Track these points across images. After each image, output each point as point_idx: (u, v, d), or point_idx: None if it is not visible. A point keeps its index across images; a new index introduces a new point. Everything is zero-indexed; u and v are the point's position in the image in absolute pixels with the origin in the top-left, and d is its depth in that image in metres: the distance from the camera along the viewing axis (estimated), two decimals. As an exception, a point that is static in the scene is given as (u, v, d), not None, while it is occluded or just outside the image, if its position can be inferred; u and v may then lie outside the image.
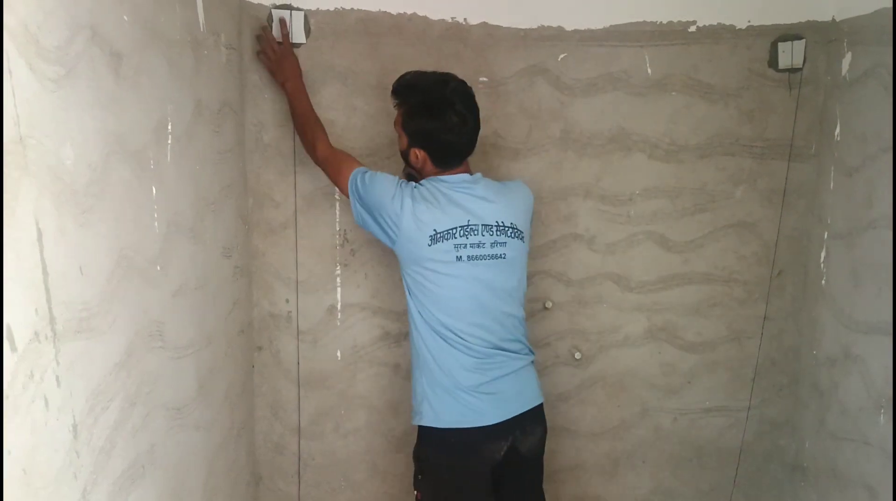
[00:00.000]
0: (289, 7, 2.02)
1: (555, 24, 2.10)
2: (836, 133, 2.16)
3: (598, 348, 2.28)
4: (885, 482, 1.96)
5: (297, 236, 2.13)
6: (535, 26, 2.10)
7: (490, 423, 1.83)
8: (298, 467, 2.22)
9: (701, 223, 2.23)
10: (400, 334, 2.21)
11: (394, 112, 1.86)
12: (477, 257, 1.81)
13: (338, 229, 2.15)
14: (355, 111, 2.10)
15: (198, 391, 1.60)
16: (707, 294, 2.27)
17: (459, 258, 1.79)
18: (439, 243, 1.79)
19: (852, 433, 2.11)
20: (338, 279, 2.17)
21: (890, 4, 1.88)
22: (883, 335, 1.98)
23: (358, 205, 1.84)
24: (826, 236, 2.22)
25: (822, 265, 2.24)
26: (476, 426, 1.82)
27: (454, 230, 1.79)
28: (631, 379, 2.31)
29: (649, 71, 2.13)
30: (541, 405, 1.92)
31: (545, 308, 2.23)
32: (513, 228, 1.84)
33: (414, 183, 1.85)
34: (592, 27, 2.11)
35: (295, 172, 2.09)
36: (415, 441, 1.89)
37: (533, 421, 1.90)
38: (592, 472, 2.34)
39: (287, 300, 2.15)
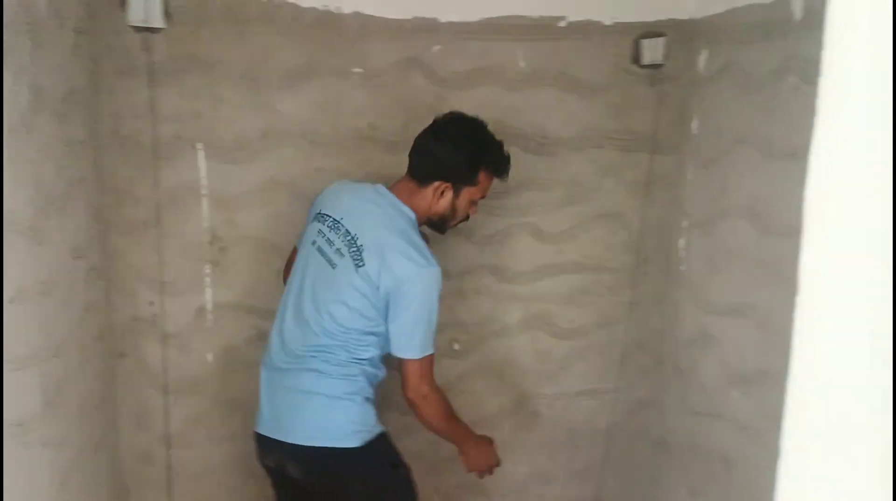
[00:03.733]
0: (146, -12, 1.88)
1: (429, 16, 2.08)
2: (693, 127, 2.28)
3: (477, 338, 2.31)
4: (739, 452, 2.12)
5: (161, 235, 2.00)
6: (409, 17, 2.06)
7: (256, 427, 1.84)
8: (168, 477, 2.10)
9: (573, 215, 2.30)
10: (275, 333, 2.14)
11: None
12: (321, 252, 1.76)
13: (205, 225, 2.03)
14: (222, 103, 1.98)
15: (44, 404, 1.48)
16: (579, 283, 2.35)
17: (314, 243, 1.79)
18: (308, 225, 1.84)
19: (709, 408, 2.26)
20: (207, 279, 2.06)
21: (741, 4, 2.00)
22: (735, 316, 2.13)
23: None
24: (685, 224, 2.35)
25: (681, 252, 2.38)
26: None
27: (326, 218, 1.79)
28: (509, 368, 2.36)
29: (522, 65, 2.15)
30: (307, 448, 1.73)
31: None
32: (358, 252, 1.72)
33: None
34: (467, 20, 2.10)
35: (155, 167, 1.96)
36: None
37: (290, 456, 1.75)
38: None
39: (151, 303, 2.02)
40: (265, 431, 1.80)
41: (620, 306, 2.40)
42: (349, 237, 1.74)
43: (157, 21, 1.89)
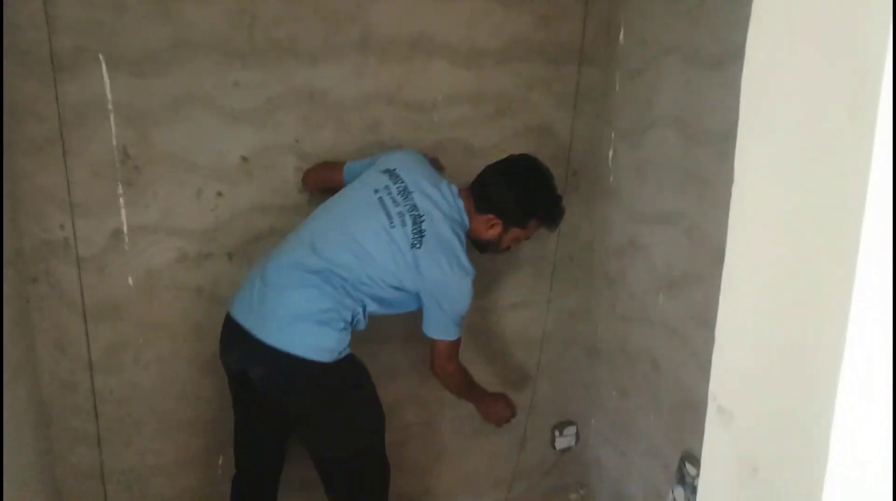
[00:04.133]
0: None
1: (344, -83, 1.97)
2: (620, 38, 2.25)
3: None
4: (666, 354, 2.19)
5: (67, 154, 1.89)
6: (324, -82, 1.95)
7: (228, 308, 1.87)
8: (94, 403, 2.06)
9: (503, 128, 2.27)
10: (200, 254, 2.08)
11: None
12: (382, 204, 1.83)
13: (115, 143, 1.93)
14: (125, 11, 1.86)
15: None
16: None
17: (377, 191, 1.85)
18: (372, 170, 1.91)
19: (638, 313, 2.32)
20: (121, 200, 1.97)
21: None
22: (663, 224, 2.16)
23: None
24: (613, 136, 2.35)
25: (610, 164, 2.38)
26: (228, 310, 1.87)
27: (399, 180, 1.87)
28: (440, 284, 2.36)
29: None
30: (281, 352, 1.74)
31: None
32: (420, 234, 1.82)
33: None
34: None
35: (56, 81, 1.84)
36: None
37: (259, 356, 1.76)
38: (408, 375, 2.40)
39: (62, 226, 1.93)
40: (244, 321, 1.79)
41: (551, 220, 2.40)
42: (416, 214, 1.83)
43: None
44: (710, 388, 0.81)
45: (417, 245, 1.81)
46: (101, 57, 1.85)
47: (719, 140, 1.90)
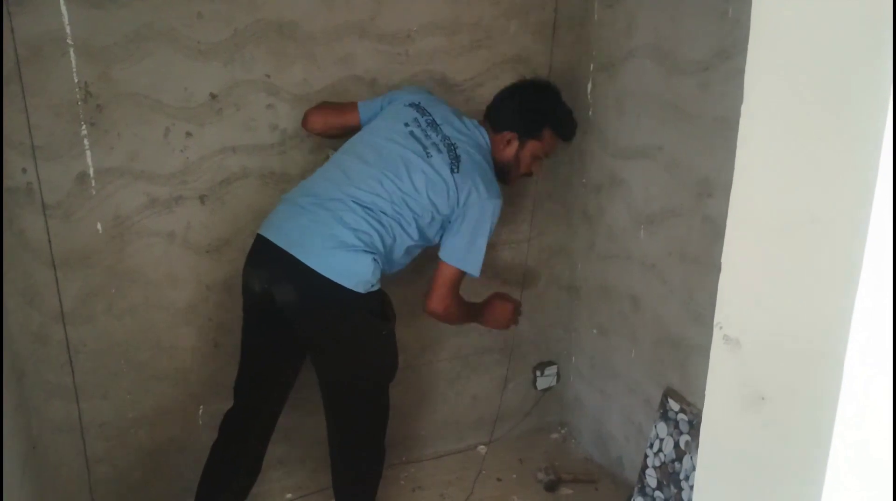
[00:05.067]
0: None
1: None
2: (599, -37, 2.20)
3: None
4: (645, 289, 2.20)
5: (25, 93, 1.78)
6: None
7: (261, 231, 1.84)
8: (69, 355, 1.99)
9: (479, 60, 2.21)
10: (170, 198, 2.00)
11: None
12: (414, 136, 1.88)
13: (76, 80, 1.82)
14: (78, -66, 1.74)
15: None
16: (487, 133, 2.29)
17: (407, 125, 1.90)
18: (397, 104, 1.95)
19: (618, 251, 2.31)
20: (85, 142, 1.87)
21: None
22: (642, 158, 2.14)
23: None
24: (592, 67, 2.31)
25: (589, 97, 2.35)
26: (259, 233, 1.85)
27: (426, 112, 1.93)
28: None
29: None
30: (316, 274, 1.74)
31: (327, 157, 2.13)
32: (457, 160, 1.88)
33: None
34: None
35: (9, 13, 1.71)
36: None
37: (292, 276, 1.76)
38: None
39: (24, 170, 1.83)
40: (281, 242, 1.78)
41: (529, 156, 2.36)
42: (449, 142, 1.90)
43: None
44: (715, 317, 0.78)
45: (456, 169, 1.87)
46: (56, -15, 1.74)
47: (699, 69, 1.87)
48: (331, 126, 2.01)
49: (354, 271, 1.76)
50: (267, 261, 1.80)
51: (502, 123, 1.99)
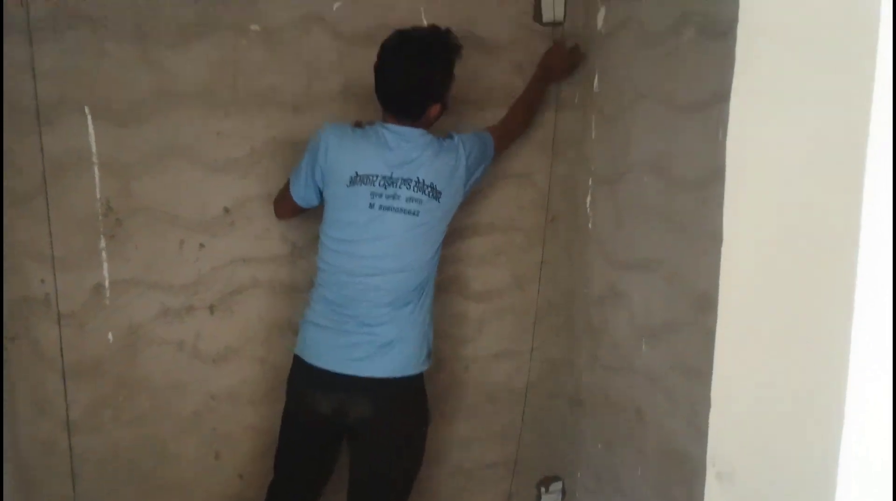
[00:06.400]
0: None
1: (329, -28, 2.02)
2: (595, 84, 2.32)
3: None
4: (650, 403, 2.18)
5: (49, 207, 1.86)
6: (307, -27, 2.00)
7: (308, 361, 1.88)
8: (72, 465, 1.98)
9: (485, 176, 2.30)
10: (182, 308, 2.04)
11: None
12: (389, 209, 1.85)
13: (98, 195, 1.91)
14: (110, 61, 1.87)
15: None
16: (491, 244, 2.36)
17: (371, 206, 1.84)
18: (356, 186, 1.84)
19: (620, 363, 2.32)
20: (103, 254, 1.94)
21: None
22: (641, 271, 2.19)
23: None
24: (591, 181, 2.40)
25: (588, 210, 2.42)
26: (301, 358, 1.90)
27: (373, 178, 1.83)
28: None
29: (425, 22, 2.12)
30: (376, 379, 1.86)
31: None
32: (432, 187, 1.87)
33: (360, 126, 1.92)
34: (368, -24, 2.05)
35: (40, 132, 1.82)
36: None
37: (359, 392, 1.86)
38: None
39: (42, 281, 1.89)
40: (335, 367, 1.86)
41: (532, 266, 2.42)
42: (414, 183, 1.85)
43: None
44: (707, 453, 0.80)
45: (438, 196, 1.88)
46: (86, 108, 1.85)
47: (697, 186, 1.93)
48: (294, 213, 2.04)
49: (414, 353, 1.89)
50: (329, 384, 1.87)
51: (420, 107, 1.87)
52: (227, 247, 2.07)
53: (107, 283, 1.95)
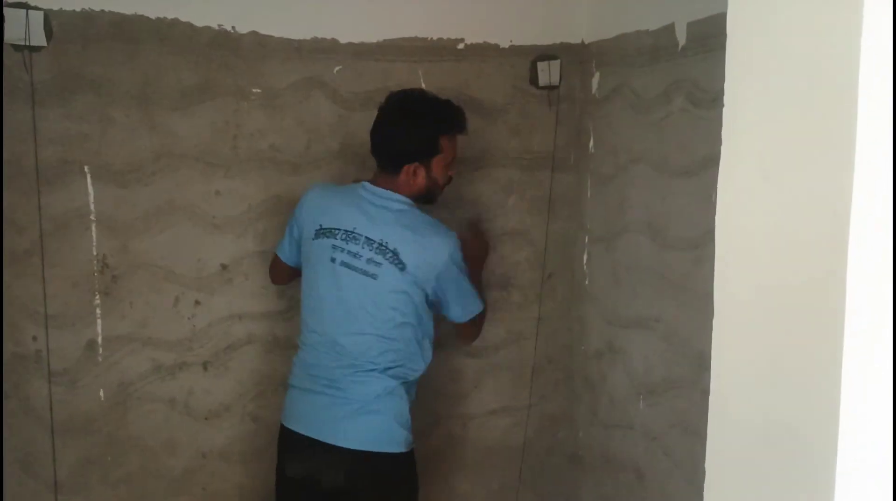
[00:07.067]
0: (25, 6, 1.78)
1: (329, 37, 2.07)
2: (590, 146, 2.36)
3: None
4: (649, 462, 2.16)
5: (46, 265, 1.87)
6: (308, 38, 2.05)
7: (285, 423, 1.86)
8: (57, 529, 1.94)
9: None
10: (175, 365, 2.03)
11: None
12: (349, 267, 1.81)
13: (95, 253, 1.92)
14: (112, 124, 1.90)
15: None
16: (488, 301, 2.36)
17: (333, 260, 1.81)
18: (320, 239, 1.82)
19: (619, 420, 2.30)
20: (97, 311, 1.94)
21: (629, 30, 2.10)
22: (639, 329, 2.19)
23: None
24: (587, 240, 2.41)
25: (585, 267, 2.43)
26: (282, 421, 1.88)
27: (336, 232, 1.81)
28: (420, 389, 2.32)
29: (424, 85, 2.17)
30: (349, 450, 1.79)
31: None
32: (394, 254, 1.80)
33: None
34: (366, 41, 2.10)
35: (39, 192, 1.84)
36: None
37: (334, 461, 1.79)
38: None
39: (34, 338, 1.88)
40: (307, 431, 1.81)
41: (528, 323, 2.42)
42: (376, 244, 1.80)
43: (38, 39, 1.80)
44: None
45: (402, 266, 1.80)
46: (86, 169, 1.88)
47: (692, 246, 1.95)
48: (288, 277, 2.04)
49: (387, 428, 1.81)
50: (302, 449, 1.83)
51: (397, 162, 1.83)
52: (224, 303, 2.07)
53: (100, 340, 1.95)
